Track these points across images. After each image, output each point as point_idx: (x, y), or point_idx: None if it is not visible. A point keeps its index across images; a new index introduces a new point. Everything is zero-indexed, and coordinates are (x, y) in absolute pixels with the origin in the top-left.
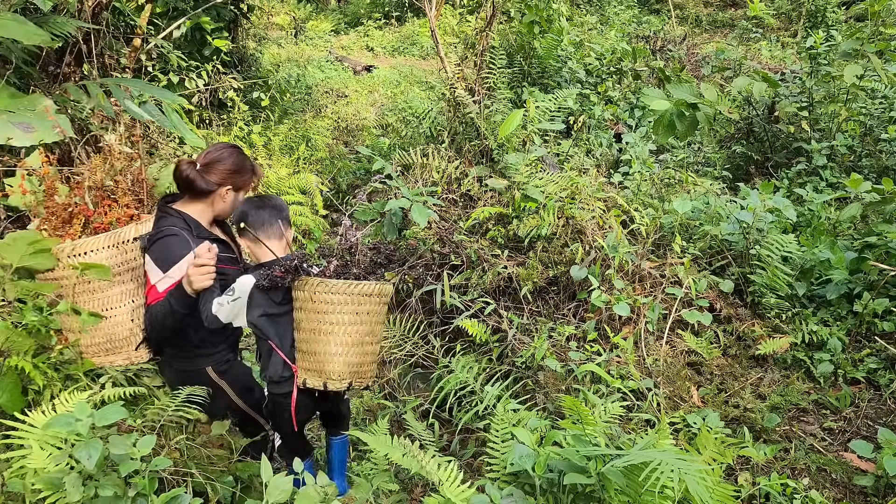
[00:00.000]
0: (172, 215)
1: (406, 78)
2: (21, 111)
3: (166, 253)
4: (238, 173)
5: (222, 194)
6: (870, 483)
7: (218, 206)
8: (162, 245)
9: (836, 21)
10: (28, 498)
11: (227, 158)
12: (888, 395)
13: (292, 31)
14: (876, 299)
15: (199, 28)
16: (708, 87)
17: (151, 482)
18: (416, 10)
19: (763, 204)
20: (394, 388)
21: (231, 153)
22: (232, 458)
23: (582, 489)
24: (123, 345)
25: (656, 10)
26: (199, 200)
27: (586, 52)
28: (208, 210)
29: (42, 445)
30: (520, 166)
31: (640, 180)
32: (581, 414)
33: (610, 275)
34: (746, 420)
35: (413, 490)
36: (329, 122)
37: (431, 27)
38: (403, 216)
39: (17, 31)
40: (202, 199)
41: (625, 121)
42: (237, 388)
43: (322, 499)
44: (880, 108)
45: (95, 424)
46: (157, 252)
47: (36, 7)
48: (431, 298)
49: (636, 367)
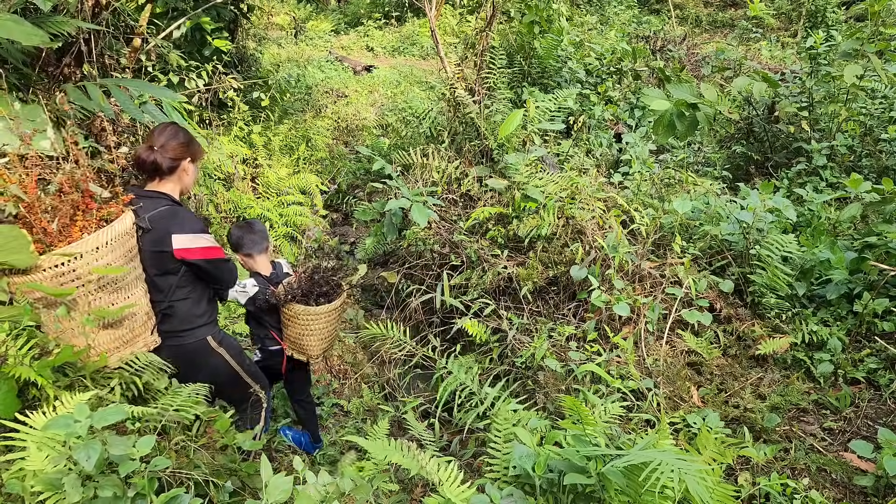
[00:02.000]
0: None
1: (406, 78)
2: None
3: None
4: (190, 145)
5: (185, 167)
6: (870, 483)
7: (184, 179)
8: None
9: (836, 21)
10: (27, 499)
11: (177, 134)
12: (888, 395)
13: (292, 31)
14: (876, 299)
15: (199, 28)
16: (708, 87)
17: (151, 482)
18: (416, 10)
19: (763, 204)
20: (394, 388)
21: (176, 129)
22: (234, 459)
23: (582, 489)
24: (142, 330)
25: (656, 10)
26: (168, 179)
27: (586, 52)
28: (178, 186)
29: (40, 447)
30: (520, 166)
31: (640, 180)
32: (581, 414)
33: (610, 275)
34: (746, 420)
35: (413, 490)
36: (329, 122)
37: (431, 27)
38: (403, 216)
39: (16, 32)
40: (170, 177)
41: (625, 121)
42: (233, 353)
43: (322, 498)
44: (880, 108)
45: (94, 426)
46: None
47: (36, 7)
48: (431, 299)
49: (636, 367)
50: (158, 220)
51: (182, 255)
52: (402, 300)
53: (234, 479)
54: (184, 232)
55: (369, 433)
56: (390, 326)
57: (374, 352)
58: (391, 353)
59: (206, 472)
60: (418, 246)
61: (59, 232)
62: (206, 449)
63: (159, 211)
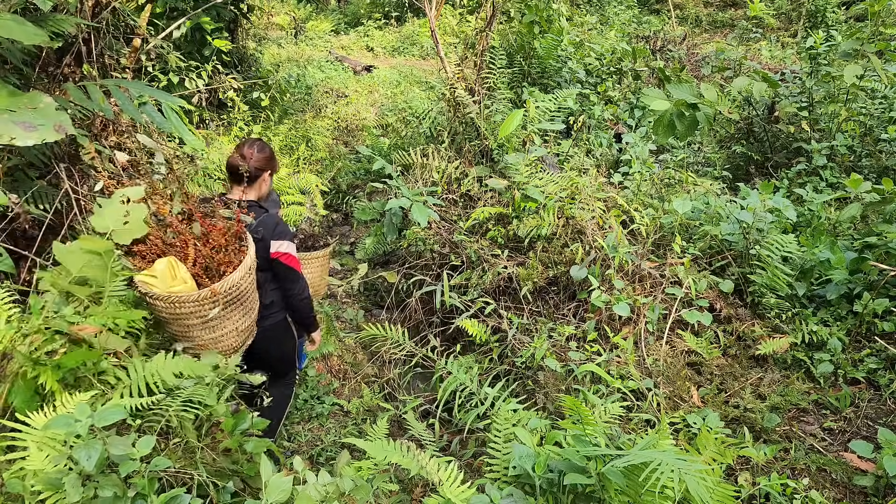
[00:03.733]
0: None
1: (406, 78)
2: (22, 110)
3: (288, 233)
4: (272, 160)
5: (264, 178)
6: (870, 483)
7: (262, 188)
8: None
9: (836, 21)
10: (27, 499)
11: (263, 149)
12: (888, 395)
13: (292, 32)
14: (876, 299)
15: (199, 28)
16: (708, 87)
17: (151, 482)
18: (416, 10)
19: (763, 204)
20: (394, 388)
21: (263, 144)
22: (237, 459)
23: (582, 489)
24: None
25: (656, 10)
26: (251, 188)
27: (586, 52)
28: (257, 194)
29: (41, 446)
30: (520, 166)
31: (640, 180)
32: (581, 414)
33: (610, 275)
34: (746, 420)
35: (413, 490)
36: (329, 122)
37: (431, 27)
38: (403, 216)
39: (17, 32)
40: (252, 186)
41: (625, 121)
42: (296, 335)
43: (322, 498)
44: (880, 108)
45: (95, 425)
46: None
47: (36, 7)
48: (431, 298)
49: (636, 367)
50: (262, 227)
51: (275, 257)
52: (402, 300)
53: (235, 480)
54: (280, 239)
55: (369, 433)
56: (389, 328)
57: (374, 352)
58: (391, 354)
59: (205, 473)
60: (418, 246)
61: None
62: (211, 449)
63: (262, 219)
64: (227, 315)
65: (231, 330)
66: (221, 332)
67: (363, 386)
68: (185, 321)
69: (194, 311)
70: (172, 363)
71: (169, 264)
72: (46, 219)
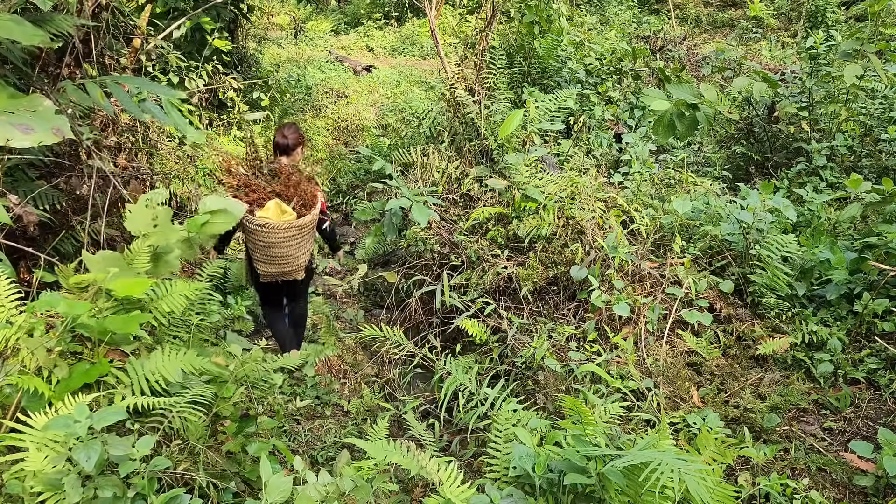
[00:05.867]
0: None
1: (406, 78)
2: (21, 112)
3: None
4: (303, 136)
5: (299, 152)
6: (870, 483)
7: (296, 157)
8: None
9: (836, 21)
10: (27, 500)
11: (297, 130)
12: (888, 395)
13: (292, 32)
14: (876, 299)
15: (199, 28)
16: (708, 87)
17: (151, 483)
18: (416, 10)
19: (763, 204)
20: (394, 388)
21: (297, 128)
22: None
23: (582, 489)
24: None
25: (656, 10)
26: (290, 157)
27: (586, 52)
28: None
29: (40, 447)
30: (520, 166)
31: (640, 180)
32: (581, 414)
33: (610, 275)
34: (746, 420)
35: (413, 490)
36: (329, 123)
37: (431, 27)
38: (403, 216)
39: (17, 32)
40: (290, 155)
41: (625, 121)
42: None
43: (322, 498)
44: (880, 108)
45: (94, 426)
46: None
47: (36, 7)
48: (431, 298)
49: (636, 367)
50: None
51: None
52: (402, 300)
53: (237, 481)
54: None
55: (369, 433)
56: (389, 329)
57: (374, 352)
58: (391, 354)
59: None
60: (418, 246)
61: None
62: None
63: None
64: (308, 236)
65: (306, 250)
66: (302, 250)
67: (363, 386)
68: (285, 243)
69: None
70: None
71: (276, 204)
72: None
